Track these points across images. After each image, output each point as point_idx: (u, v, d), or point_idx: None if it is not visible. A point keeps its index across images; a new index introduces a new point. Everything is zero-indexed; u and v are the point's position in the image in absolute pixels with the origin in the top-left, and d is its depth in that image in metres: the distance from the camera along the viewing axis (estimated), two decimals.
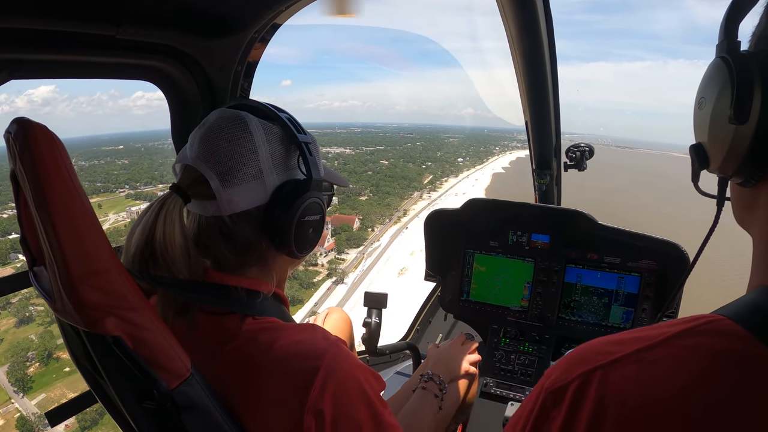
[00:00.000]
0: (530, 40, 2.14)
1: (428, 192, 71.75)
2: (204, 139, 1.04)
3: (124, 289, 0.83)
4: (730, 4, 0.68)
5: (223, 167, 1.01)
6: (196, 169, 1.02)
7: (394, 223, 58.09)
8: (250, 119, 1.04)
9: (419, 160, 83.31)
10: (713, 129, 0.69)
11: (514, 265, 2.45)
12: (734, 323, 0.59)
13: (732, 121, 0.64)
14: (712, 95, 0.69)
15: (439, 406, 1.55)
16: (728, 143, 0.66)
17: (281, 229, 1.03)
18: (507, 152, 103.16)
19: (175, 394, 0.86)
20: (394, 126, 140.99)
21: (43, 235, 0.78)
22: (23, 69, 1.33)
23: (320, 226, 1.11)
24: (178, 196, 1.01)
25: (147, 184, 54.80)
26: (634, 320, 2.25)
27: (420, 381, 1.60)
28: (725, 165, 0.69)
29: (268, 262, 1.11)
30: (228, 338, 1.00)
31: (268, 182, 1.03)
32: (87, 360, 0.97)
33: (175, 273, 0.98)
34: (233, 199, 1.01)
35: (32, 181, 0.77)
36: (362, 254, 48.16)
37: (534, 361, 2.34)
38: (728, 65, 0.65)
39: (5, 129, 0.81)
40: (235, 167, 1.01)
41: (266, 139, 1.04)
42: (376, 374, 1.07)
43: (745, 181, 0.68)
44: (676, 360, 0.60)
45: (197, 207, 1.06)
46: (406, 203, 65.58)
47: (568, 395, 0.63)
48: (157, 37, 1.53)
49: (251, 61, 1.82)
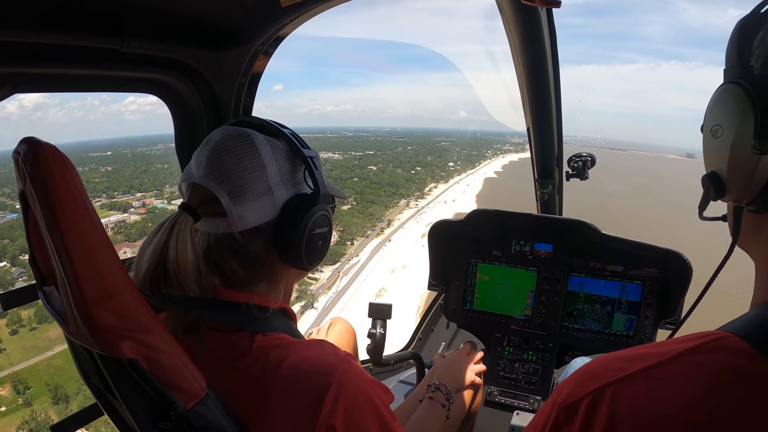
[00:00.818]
0: (534, 52, 2.15)
1: (416, 199, 69.57)
2: (211, 157, 1.04)
3: (138, 311, 0.82)
4: (739, 27, 0.68)
5: (233, 184, 1.01)
6: (206, 188, 1.02)
7: (376, 235, 55.46)
8: (256, 136, 1.05)
9: (409, 165, 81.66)
10: (734, 158, 0.67)
11: (517, 275, 2.46)
12: (740, 340, 0.60)
13: (756, 151, 0.63)
14: (730, 124, 0.67)
15: (446, 416, 1.56)
16: (751, 173, 0.65)
17: (292, 243, 1.04)
18: (499, 156, 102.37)
19: (191, 415, 0.86)
20: (387, 130, 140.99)
21: (55, 257, 0.77)
22: (27, 83, 1.31)
23: (328, 238, 1.12)
24: (188, 214, 1.01)
25: (125, 193, 53.17)
26: (637, 328, 2.27)
27: (427, 391, 1.61)
28: (744, 194, 0.68)
29: (277, 276, 1.11)
30: (238, 356, 1.00)
31: (278, 197, 1.04)
32: (99, 380, 0.96)
33: (186, 291, 0.99)
34: (244, 215, 1.01)
35: (43, 203, 0.76)
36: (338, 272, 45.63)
37: (538, 369, 2.34)
38: (747, 92, 0.64)
39: (14, 149, 0.80)
40: (244, 184, 1.01)
41: (273, 155, 1.05)
42: (385, 387, 1.08)
43: (759, 208, 0.68)
44: (685, 376, 0.61)
45: (207, 225, 1.05)
46: (390, 213, 63.55)
47: (581, 411, 0.64)
48: (162, 50, 1.51)
49: (255, 74, 1.81)
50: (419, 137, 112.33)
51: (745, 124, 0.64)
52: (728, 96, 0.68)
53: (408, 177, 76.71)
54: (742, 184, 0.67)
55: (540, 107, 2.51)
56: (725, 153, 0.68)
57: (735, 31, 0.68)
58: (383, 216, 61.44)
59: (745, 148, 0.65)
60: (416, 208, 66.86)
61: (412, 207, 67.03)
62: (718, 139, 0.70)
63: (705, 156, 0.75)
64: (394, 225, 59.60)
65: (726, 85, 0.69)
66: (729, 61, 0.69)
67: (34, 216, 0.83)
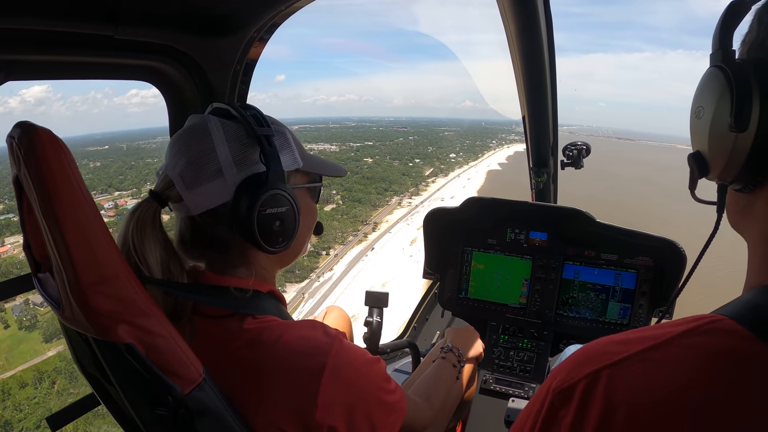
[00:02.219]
0: (529, 41, 2.15)
1: (410, 197, 63.82)
2: (171, 146, 1.06)
3: (134, 294, 0.83)
4: (724, 14, 0.69)
5: (184, 170, 1.02)
6: (167, 174, 1.04)
7: (358, 242, 47.47)
8: (210, 120, 1.05)
9: (407, 156, 76.86)
10: (713, 137, 0.70)
11: (512, 263, 2.47)
12: (735, 323, 0.61)
13: (732, 129, 0.65)
14: (710, 104, 0.70)
15: (456, 377, 1.60)
16: (729, 151, 0.67)
17: (245, 225, 1.02)
18: (504, 146, 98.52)
19: (189, 400, 0.87)
20: (391, 120, 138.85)
21: (51, 242, 0.77)
22: (20, 70, 1.31)
23: (290, 218, 1.07)
24: (153, 200, 1.03)
25: (102, 192, 48.06)
26: (631, 316, 2.28)
27: (440, 352, 1.66)
28: (725, 172, 0.70)
29: (250, 259, 1.11)
30: (229, 339, 1.00)
31: (229, 179, 1.03)
32: (95, 367, 0.96)
33: (152, 274, 0.98)
34: (196, 198, 1.03)
35: (38, 187, 0.76)
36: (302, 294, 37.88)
37: (532, 357, 2.36)
38: (726, 74, 0.66)
39: (8, 133, 0.80)
40: (195, 168, 1.02)
41: (225, 137, 1.04)
42: (376, 358, 1.10)
43: (744, 187, 0.69)
44: (681, 359, 0.61)
45: (175, 210, 1.09)
46: (378, 213, 55.92)
47: (576, 395, 0.64)
48: (156, 37, 1.51)
49: (250, 61, 1.80)
50: (422, 127, 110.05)
51: (723, 105, 0.66)
52: (710, 79, 0.70)
53: (405, 170, 71.66)
54: (723, 162, 0.69)
55: (536, 96, 2.51)
56: (706, 132, 0.71)
57: (721, 17, 0.70)
58: (369, 218, 53.83)
59: (722, 127, 0.67)
60: (410, 206, 59.93)
61: (404, 206, 60.40)
62: (701, 119, 0.73)
63: (691, 136, 0.78)
64: (382, 228, 52.33)
65: (710, 68, 0.71)
66: (714, 46, 0.70)
67: (28, 201, 0.83)
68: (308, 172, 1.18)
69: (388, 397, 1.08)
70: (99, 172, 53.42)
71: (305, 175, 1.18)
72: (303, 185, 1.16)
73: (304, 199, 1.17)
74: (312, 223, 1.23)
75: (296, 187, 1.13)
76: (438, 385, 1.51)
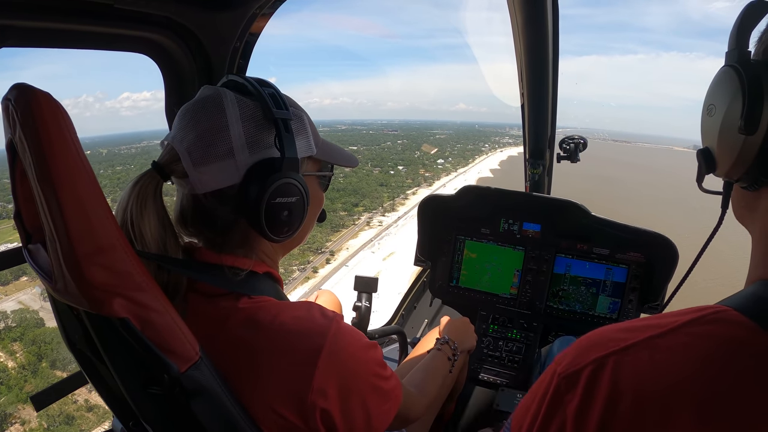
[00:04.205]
0: (535, 30, 2.14)
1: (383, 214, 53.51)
2: (181, 116, 1.00)
3: (130, 267, 0.79)
4: (743, 12, 0.70)
5: (192, 145, 0.97)
6: (173, 147, 0.99)
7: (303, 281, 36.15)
8: (227, 95, 0.99)
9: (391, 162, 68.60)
10: (722, 137, 0.71)
11: (504, 253, 2.47)
12: (739, 314, 0.62)
13: (742, 131, 0.66)
14: (722, 104, 0.71)
15: (450, 369, 1.61)
16: (737, 152, 0.68)
17: (252, 211, 0.97)
18: (498, 150, 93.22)
19: (184, 379, 0.83)
20: (384, 122, 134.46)
21: (45, 211, 0.73)
22: (14, 36, 1.27)
23: (299, 209, 1.03)
24: (156, 173, 0.98)
25: None
26: (621, 310, 2.30)
27: (436, 343, 1.67)
28: (732, 171, 0.71)
29: (252, 243, 1.07)
30: (223, 318, 0.97)
31: (240, 161, 0.98)
32: (86, 344, 0.93)
33: (149, 249, 0.95)
34: (203, 178, 0.97)
35: (35, 153, 0.72)
36: None
37: (521, 348, 2.38)
38: (740, 76, 0.67)
39: (3, 95, 0.76)
40: (205, 145, 0.96)
41: (240, 115, 0.98)
42: (374, 343, 1.08)
43: (750, 185, 0.71)
44: (687, 347, 0.62)
45: (177, 185, 1.03)
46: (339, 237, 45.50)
47: (582, 380, 0.65)
48: (155, 8, 1.47)
49: (251, 36, 1.77)
50: (414, 130, 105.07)
51: (734, 106, 0.67)
52: (724, 78, 0.71)
53: (384, 179, 62.33)
54: (730, 161, 0.70)
55: (537, 88, 2.51)
56: (716, 131, 0.73)
57: (739, 16, 0.70)
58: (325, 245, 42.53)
59: (732, 128, 0.68)
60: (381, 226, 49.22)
61: (374, 226, 49.53)
62: (712, 117, 0.74)
63: (701, 132, 0.79)
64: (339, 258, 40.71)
65: (724, 67, 0.71)
66: (730, 45, 0.71)
67: (22, 167, 0.79)
68: (320, 159, 1.14)
69: (384, 384, 1.06)
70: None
71: (317, 163, 1.13)
72: (314, 173, 1.12)
73: (313, 187, 1.12)
74: (317, 212, 1.19)
75: (306, 174, 1.09)
76: (432, 376, 1.52)
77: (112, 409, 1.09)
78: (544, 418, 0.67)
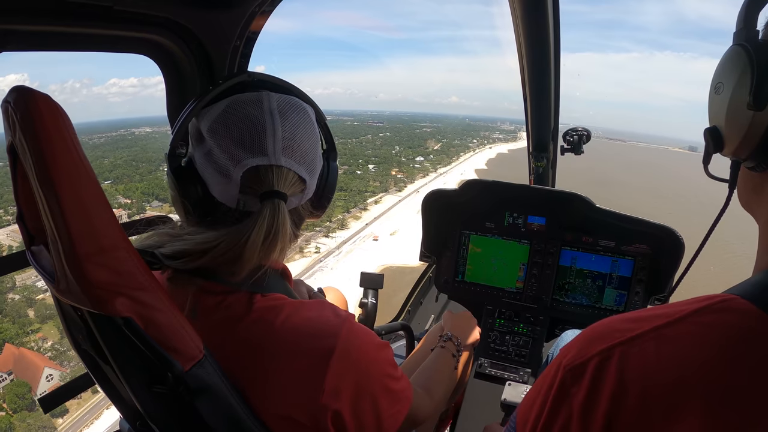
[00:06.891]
0: (536, 19, 2.12)
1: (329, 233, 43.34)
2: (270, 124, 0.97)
3: (133, 267, 0.80)
4: None
5: (306, 159, 1.03)
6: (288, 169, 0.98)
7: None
8: (304, 106, 1.06)
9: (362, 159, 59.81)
10: (731, 114, 0.71)
11: (509, 247, 2.47)
12: (747, 302, 0.61)
13: (750, 107, 0.66)
14: (730, 81, 0.71)
15: (455, 366, 1.62)
16: (745, 128, 0.68)
17: (324, 196, 1.11)
18: (486, 146, 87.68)
19: (188, 377, 0.84)
20: (373, 113, 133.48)
21: (47, 212, 0.74)
22: (15, 40, 1.27)
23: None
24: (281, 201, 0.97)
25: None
26: (627, 303, 2.29)
27: (439, 341, 1.67)
28: (740, 149, 0.71)
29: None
30: (237, 317, 0.96)
31: (322, 162, 1.10)
32: (90, 344, 0.93)
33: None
34: (312, 185, 1.07)
35: (35, 155, 0.73)
36: None
37: (528, 342, 2.38)
38: (748, 53, 0.68)
39: (3, 98, 0.76)
40: (313, 158, 1.05)
41: (316, 121, 1.09)
42: (385, 343, 1.08)
43: (757, 165, 0.70)
44: (694, 336, 0.62)
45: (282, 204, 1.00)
46: None
47: (588, 372, 0.64)
48: (156, 9, 1.47)
49: (251, 34, 1.77)
50: (401, 122, 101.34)
51: (743, 82, 0.68)
52: (732, 56, 0.72)
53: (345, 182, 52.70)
54: (738, 139, 0.70)
55: (540, 81, 2.49)
56: (724, 108, 0.73)
57: None
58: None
59: (741, 105, 0.68)
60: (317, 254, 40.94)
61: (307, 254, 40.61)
62: (720, 95, 0.74)
63: (709, 111, 0.79)
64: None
65: (733, 46, 0.72)
66: (738, 24, 0.71)
67: (23, 169, 0.79)
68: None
69: (395, 385, 1.05)
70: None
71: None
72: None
73: None
74: None
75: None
76: (438, 375, 1.53)
77: (119, 409, 1.09)
78: (550, 412, 0.67)
